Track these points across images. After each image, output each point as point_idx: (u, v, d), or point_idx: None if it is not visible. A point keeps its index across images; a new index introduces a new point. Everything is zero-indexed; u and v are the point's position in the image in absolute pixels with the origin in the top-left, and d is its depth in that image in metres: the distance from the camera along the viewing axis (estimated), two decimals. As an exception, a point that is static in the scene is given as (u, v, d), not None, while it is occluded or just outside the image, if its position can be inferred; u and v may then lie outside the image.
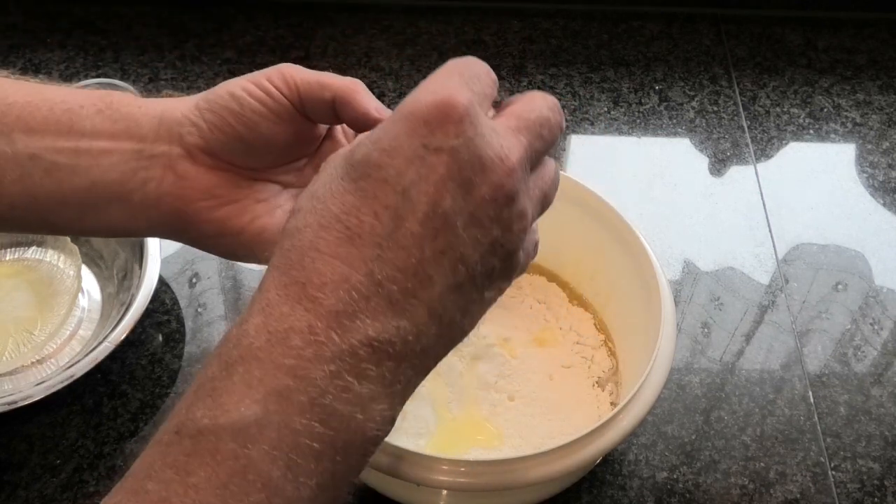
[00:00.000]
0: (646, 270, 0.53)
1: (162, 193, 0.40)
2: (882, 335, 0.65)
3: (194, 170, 0.40)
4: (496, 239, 0.31)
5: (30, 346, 0.61)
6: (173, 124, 0.40)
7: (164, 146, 0.40)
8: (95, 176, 0.39)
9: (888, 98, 0.83)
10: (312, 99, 0.40)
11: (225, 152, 0.40)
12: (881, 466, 0.57)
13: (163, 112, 0.40)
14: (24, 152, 0.38)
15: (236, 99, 0.40)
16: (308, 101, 0.40)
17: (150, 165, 0.40)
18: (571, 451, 0.45)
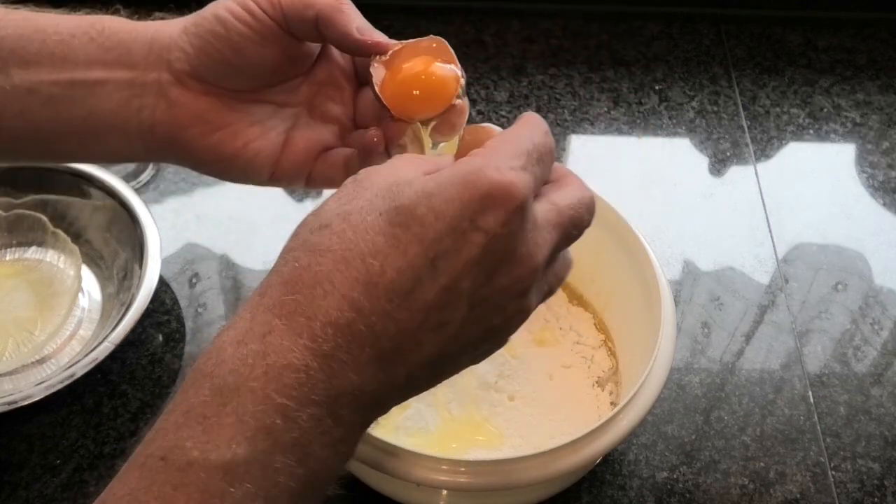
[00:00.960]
0: (646, 270, 0.53)
1: (156, 121, 0.40)
2: (882, 335, 0.65)
3: (185, 96, 0.40)
4: (495, 325, 0.32)
5: (30, 346, 0.61)
6: (163, 50, 0.40)
7: (155, 73, 0.40)
8: (92, 106, 0.39)
9: (888, 98, 0.83)
10: (296, 18, 0.39)
11: (214, 76, 0.40)
12: (881, 466, 0.57)
13: (153, 37, 0.40)
14: (22, 87, 0.39)
15: (221, 22, 0.39)
16: (292, 20, 0.39)
17: (142, 93, 0.40)
18: (571, 451, 0.45)
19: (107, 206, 0.66)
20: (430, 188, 0.30)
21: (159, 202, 0.72)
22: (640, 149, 0.78)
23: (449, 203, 0.29)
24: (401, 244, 0.29)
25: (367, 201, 0.30)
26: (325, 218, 0.31)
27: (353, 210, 0.30)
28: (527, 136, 0.32)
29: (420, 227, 0.29)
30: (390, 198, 0.30)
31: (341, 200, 0.31)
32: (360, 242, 0.29)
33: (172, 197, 0.72)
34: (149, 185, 0.73)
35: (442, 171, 0.31)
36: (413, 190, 0.30)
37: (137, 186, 0.72)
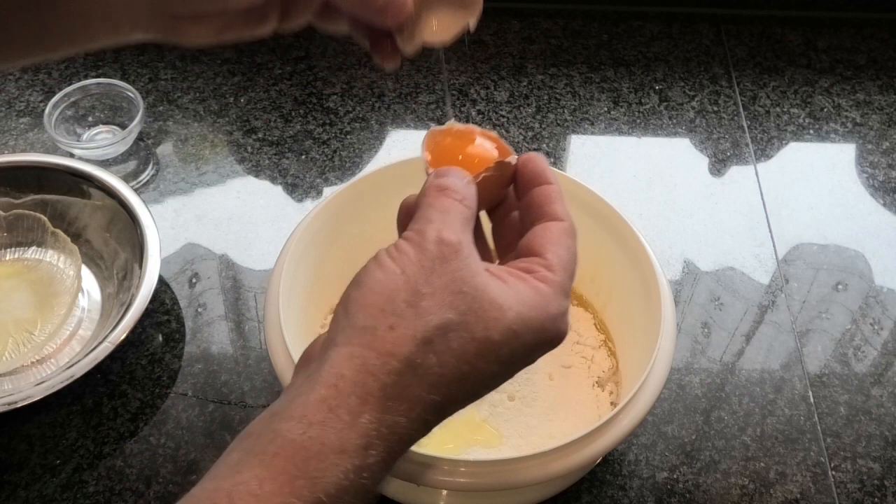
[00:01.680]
0: (646, 270, 0.53)
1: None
2: (882, 335, 0.65)
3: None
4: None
5: (30, 346, 0.61)
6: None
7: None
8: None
9: (888, 98, 0.83)
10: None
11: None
12: (881, 466, 0.57)
13: None
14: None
15: None
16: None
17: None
18: (571, 451, 0.45)
19: (107, 206, 0.66)
20: (516, 328, 0.33)
21: (159, 202, 0.72)
22: (640, 149, 0.78)
23: (524, 347, 0.34)
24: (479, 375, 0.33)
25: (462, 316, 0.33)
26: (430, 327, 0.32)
27: (451, 324, 0.33)
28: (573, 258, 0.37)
29: (498, 364, 0.34)
30: (484, 325, 0.33)
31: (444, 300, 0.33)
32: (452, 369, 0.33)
33: (172, 197, 0.72)
34: (149, 185, 0.73)
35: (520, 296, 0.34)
36: (504, 326, 0.33)
37: (137, 186, 0.72)
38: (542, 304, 0.34)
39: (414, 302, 0.32)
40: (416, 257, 0.34)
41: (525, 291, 0.34)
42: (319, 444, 0.31)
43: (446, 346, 0.32)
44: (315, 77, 0.83)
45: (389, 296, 0.33)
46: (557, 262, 0.36)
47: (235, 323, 0.64)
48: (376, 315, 0.33)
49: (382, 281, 0.33)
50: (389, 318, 0.32)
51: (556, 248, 0.36)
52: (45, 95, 0.79)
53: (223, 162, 0.75)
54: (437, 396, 0.32)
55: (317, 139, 0.77)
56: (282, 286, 0.51)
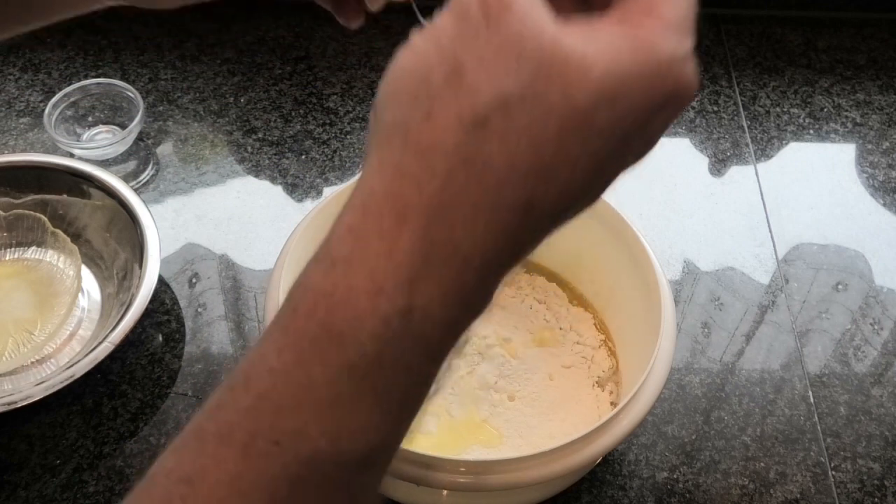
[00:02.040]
0: (646, 270, 0.53)
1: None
2: (882, 335, 0.65)
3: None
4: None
5: (30, 346, 0.61)
6: None
7: None
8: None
9: (888, 98, 0.83)
10: None
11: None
12: (881, 466, 0.57)
13: None
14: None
15: None
16: None
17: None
18: (571, 451, 0.45)
19: (106, 206, 0.66)
20: (611, 86, 0.24)
21: (159, 202, 0.72)
22: (640, 149, 0.78)
23: (631, 110, 0.25)
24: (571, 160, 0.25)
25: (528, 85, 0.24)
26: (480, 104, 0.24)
27: (512, 98, 0.23)
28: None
29: (599, 139, 0.25)
30: (561, 89, 0.24)
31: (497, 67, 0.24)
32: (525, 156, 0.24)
33: (172, 197, 0.72)
34: (149, 185, 0.73)
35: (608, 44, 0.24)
36: (592, 86, 0.24)
37: (137, 186, 0.72)
38: (643, 50, 0.25)
39: (454, 77, 0.24)
40: (455, 25, 0.24)
41: (617, 39, 0.24)
42: (345, 287, 0.23)
43: (510, 125, 0.23)
44: (315, 77, 0.83)
45: (423, 77, 0.24)
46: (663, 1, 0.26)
47: (235, 323, 0.64)
48: (408, 105, 0.24)
49: (413, 63, 0.25)
50: (424, 105, 0.24)
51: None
52: (45, 95, 0.79)
53: (223, 162, 0.75)
54: (511, 195, 0.24)
55: (317, 139, 0.77)
56: (282, 286, 0.51)
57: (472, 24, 0.24)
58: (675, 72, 0.25)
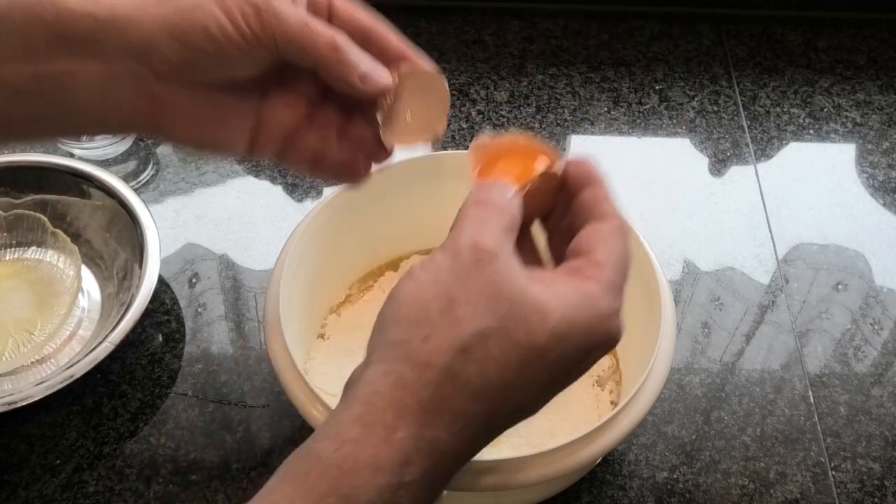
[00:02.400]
0: (646, 270, 0.53)
1: (136, 114, 0.37)
2: (882, 335, 0.65)
3: (167, 93, 0.37)
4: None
5: (30, 346, 0.61)
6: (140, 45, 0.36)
7: (131, 65, 0.36)
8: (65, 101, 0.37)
9: (888, 98, 0.83)
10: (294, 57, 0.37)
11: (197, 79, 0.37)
12: (881, 466, 0.57)
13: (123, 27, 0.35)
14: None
15: (212, 41, 0.35)
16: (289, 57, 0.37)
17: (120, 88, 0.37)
18: (571, 451, 0.45)
19: (106, 205, 0.66)
20: (562, 331, 0.32)
21: (159, 202, 0.72)
22: (640, 149, 0.78)
23: (575, 351, 0.32)
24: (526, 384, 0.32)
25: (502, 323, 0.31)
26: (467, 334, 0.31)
27: (489, 331, 0.31)
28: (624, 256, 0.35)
29: (548, 371, 0.32)
30: (526, 329, 0.31)
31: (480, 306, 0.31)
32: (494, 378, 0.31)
33: (172, 197, 0.72)
34: (149, 185, 0.73)
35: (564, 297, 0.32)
36: (548, 329, 0.31)
37: (137, 186, 0.72)
38: (589, 304, 0.32)
39: (448, 310, 0.31)
40: (450, 264, 0.32)
41: (570, 292, 0.32)
42: (353, 461, 0.30)
43: (486, 354, 0.31)
44: (315, 77, 0.83)
45: (422, 307, 0.31)
46: (605, 259, 0.34)
47: (235, 323, 0.64)
48: (409, 328, 0.31)
49: (414, 293, 0.32)
50: (423, 329, 0.31)
51: (605, 247, 0.34)
52: (45, 95, 0.79)
53: (223, 162, 0.75)
54: (481, 408, 0.31)
55: (317, 139, 0.77)
56: (282, 286, 0.51)
57: (463, 264, 0.32)
58: (608, 323, 0.33)
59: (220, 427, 0.58)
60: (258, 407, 0.59)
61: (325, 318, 0.61)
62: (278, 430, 0.58)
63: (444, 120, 0.42)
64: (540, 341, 0.31)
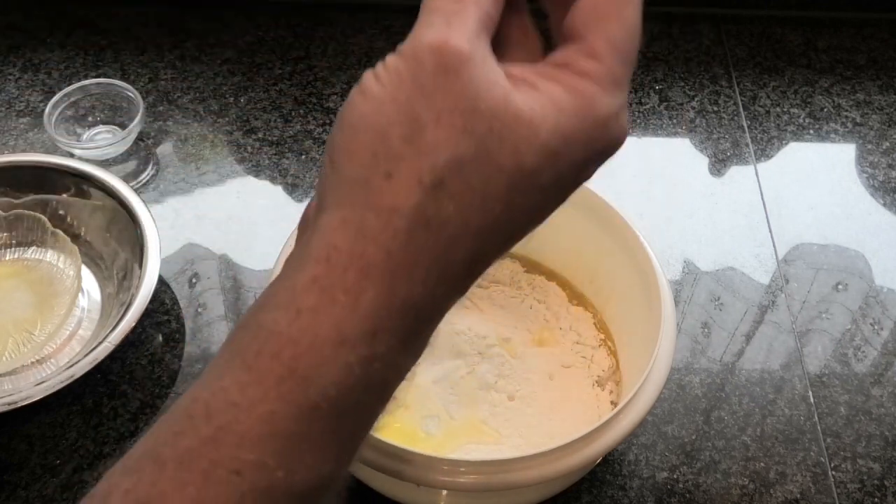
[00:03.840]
0: (646, 270, 0.53)
1: None
2: (882, 335, 0.65)
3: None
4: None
5: (30, 346, 0.61)
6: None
7: None
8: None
9: (888, 98, 0.83)
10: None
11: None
12: (881, 466, 0.57)
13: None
14: None
15: None
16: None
17: None
18: (571, 451, 0.45)
19: (107, 206, 0.66)
20: (555, 146, 0.26)
21: (159, 202, 0.72)
22: (640, 149, 0.78)
23: (571, 166, 0.26)
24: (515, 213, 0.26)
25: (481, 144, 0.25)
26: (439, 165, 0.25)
27: (466, 158, 0.25)
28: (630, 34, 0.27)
29: (541, 195, 0.27)
30: (511, 149, 0.25)
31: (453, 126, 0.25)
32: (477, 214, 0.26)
33: (172, 197, 0.72)
34: (149, 185, 0.73)
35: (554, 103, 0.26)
36: (538, 146, 0.25)
37: (137, 186, 0.72)
38: (584, 108, 0.26)
39: (413, 136, 0.25)
40: (411, 74, 0.25)
41: (561, 95, 0.26)
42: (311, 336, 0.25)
43: (465, 186, 0.25)
44: (315, 77, 0.83)
45: (381, 133, 0.25)
46: (604, 45, 0.27)
47: (235, 323, 0.64)
48: (368, 162, 0.25)
49: (369, 115, 0.25)
50: (384, 164, 0.25)
51: (604, 25, 0.27)
52: (45, 95, 0.79)
53: (223, 162, 0.75)
54: (464, 252, 0.26)
55: (317, 139, 0.77)
56: (282, 286, 0.51)
57: (428, 73, 0.25)
58: (610, 127, 0.27)
59: (220, 427, 0.58)
60: (258, 407, 0.59)
61: (325, 318, 0.61)
62: (278, 430, 0.58)
63: None
64: (529, 161, 0.25)
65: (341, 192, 0.26)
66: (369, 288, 0.25)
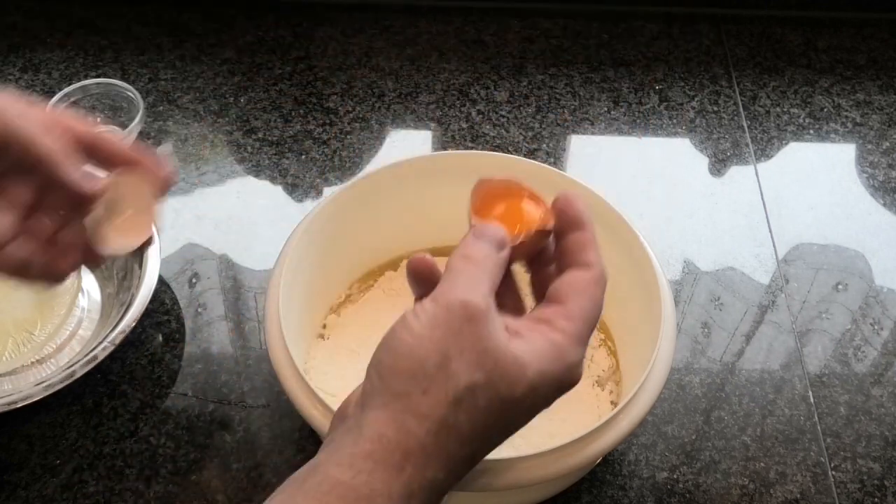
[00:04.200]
0: (646, 270, 0.53)
1: None
2: (882, 335, 0.65)
3: None
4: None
5: (30, 346, 0.61)
6: None
7: None
8: None
9: (888, 98, 0.83)
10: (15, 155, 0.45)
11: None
12: (881, 466, 0.57)
13: None
14: None
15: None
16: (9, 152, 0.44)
17: None
18: (571, 451, 0.45)
19: (107, 206, 0.66)
20: (536, 383, 0.35)
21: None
22: (640, 149, 0.78)
23: (544, 397, 0.37)
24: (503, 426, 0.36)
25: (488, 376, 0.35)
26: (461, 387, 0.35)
27: (478, 384, 0.35)
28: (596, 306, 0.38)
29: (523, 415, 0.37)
30: (507, 383, 0.35)
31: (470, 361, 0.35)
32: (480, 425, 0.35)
33: (172, 197, 0.72)
34: (149, 185, 0.73)
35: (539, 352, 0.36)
36: (525, 383, 0.35)
37: (137, 186, 0.72)
38: (558, 357, 0.36)
39: (443, 364, 0.34)
40: (444, 320, 0.35)
41: (543, 346, 0.36)
42: (369, 488, 0.33)
43: (474, 405, 0.35)
44: (315, 77, 0.83)
45: (420, 361, 0.35)
46: (578, 312, 0.37)
47: (235, 323, 0.64)
48: (409, 381, 0.35)
49: (412, 345, 0.35)
50: (422, 383, 0.34)
51: (579, 298, 0.38)
52: (45, 95, 0.79)
53: (223, 162, 0.75)
54: (469, 450, 0.35)
55: (317, 139, 0.77)
56: (282, 286, 0.51)
57: (456, 321, 0.35)
58: (573, 371, 0.37)
59: (219, 427, 0.58)
60: (258, 407, 0.59)
61: (325, 317, 0.61)
62: (278, 430, 0.58)
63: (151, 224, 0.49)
64: (518, 393, 0.35)
65: (387, 399, 0.35)
66: (408, 467, 0.34)
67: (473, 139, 0.77)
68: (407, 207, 0.61)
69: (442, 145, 0.78)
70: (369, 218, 0.60)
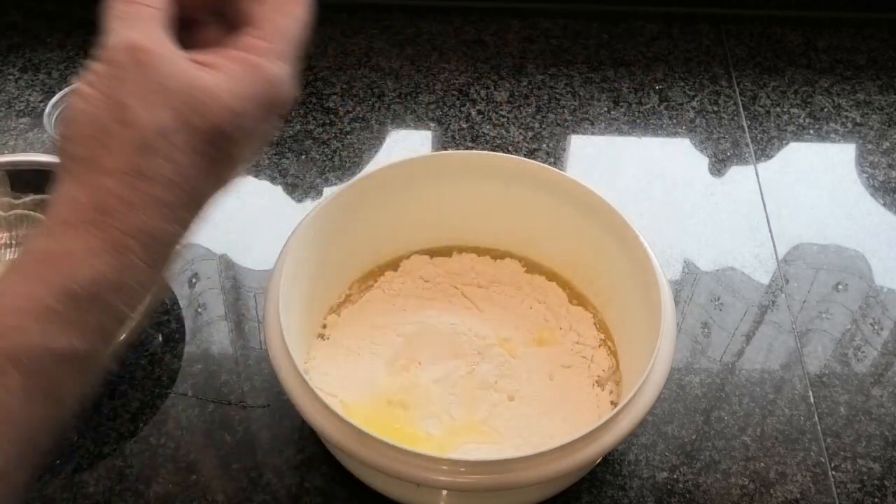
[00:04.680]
0: (646, 270, 0.53)
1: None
2: (882, 335, 0.65)
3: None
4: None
5: (30, 346, 0.61)
6: None
7: None
8: None
9: (888, 98, 0.83)
10: None
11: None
12: (881, 466, 0.57)
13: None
14: None
15: None
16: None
17: None
18: (571, 451, 0.45)
19: (106, 206, 0.65)
20: (236, 107, 0.34)
21: (159, 202, 0.72)
22: (640, 149, 0.78)
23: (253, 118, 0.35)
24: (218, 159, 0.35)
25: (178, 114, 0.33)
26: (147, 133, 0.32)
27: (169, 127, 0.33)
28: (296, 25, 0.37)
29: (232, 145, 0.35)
30: (201, 114, 0.33)
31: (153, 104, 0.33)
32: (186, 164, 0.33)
33: (172, 197, 0.72)
34: (149, 185, 0.73)
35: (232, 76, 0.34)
36: (222, 109, 0.33)
37: (137, 186, 0.72)
38: (255, 76, 0.34)
39: (121, 116, 0.32)
40: (110, 71, 0.33)
41: (236, 70, 0.34)
42: (66, 250, 0.32)
43: (170, 145, 0.33)
44: (315, 77, 0.83)
45: (96, 120, 0.33)
46: (272, 31, 0.35)
47: (235, 323, 0.64)
48: (89, 143, 0.33)
49: (84, 109, 0.33)
50: (104, 140, 0.33)
51: (274, 15, 0.36)
52: (45, 95, 0.79)
53: (223, 162, 0.75)
54: (180, 193, 0.34)
55: (317, 139, 0.77)
56: (282, 286, 0.51)
57: (126, 69, 0.33)
58: (278, 87, 0.35)
59: (220, 427, 0.58)
60: (258, 407, 0.59)
61: (325, 318, 0.61)
62: (278, 430, 0.58)
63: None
64: (217, 121, 0.33)
65: (72, 166, 0.33)
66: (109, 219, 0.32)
67: (473, 139, 0.77)
68: (407, 207, 0.61)
69: (442, 145, 0.78)
70: (369, 218, 0.60)
